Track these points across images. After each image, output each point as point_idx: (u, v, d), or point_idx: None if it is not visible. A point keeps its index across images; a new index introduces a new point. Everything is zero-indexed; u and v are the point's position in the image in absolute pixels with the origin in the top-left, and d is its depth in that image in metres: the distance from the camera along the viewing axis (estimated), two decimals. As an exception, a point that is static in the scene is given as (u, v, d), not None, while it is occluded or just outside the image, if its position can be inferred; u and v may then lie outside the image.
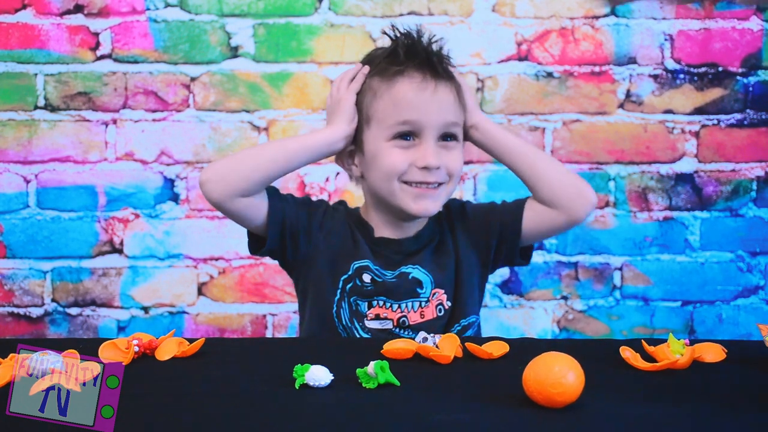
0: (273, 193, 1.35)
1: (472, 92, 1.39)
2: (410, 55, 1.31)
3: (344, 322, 1.34)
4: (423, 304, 1.35)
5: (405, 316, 1.34)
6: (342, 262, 1.35)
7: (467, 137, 1.37)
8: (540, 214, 1.36)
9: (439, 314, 1.36)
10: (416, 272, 1.36)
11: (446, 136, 1.32)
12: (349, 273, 1.35)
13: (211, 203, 1.31)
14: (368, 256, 1.36)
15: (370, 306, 1.34)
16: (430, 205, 1.32)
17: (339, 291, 1.34)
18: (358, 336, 1.33)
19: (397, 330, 1.34)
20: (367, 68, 1.34)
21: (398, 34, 1.34)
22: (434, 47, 1.34)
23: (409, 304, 1.35)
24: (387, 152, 1.30)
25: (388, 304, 1.34)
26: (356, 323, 1.34)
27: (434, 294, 1.36)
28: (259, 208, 1.33)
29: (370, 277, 1.34)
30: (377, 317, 1.33)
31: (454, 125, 1.32)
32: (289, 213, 1.35)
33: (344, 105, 1.33)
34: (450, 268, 1.38)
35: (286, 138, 1.36)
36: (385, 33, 1.36)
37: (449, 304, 1.37)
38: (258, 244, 1.37)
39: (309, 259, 1.37)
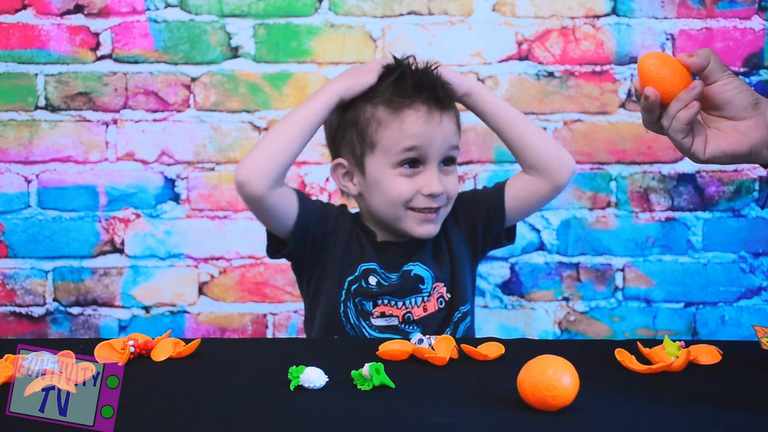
0: (300, 195, 1.40)
1: (454, 72, 1.44)
2: (418, 89, 1.36)
3: (352, 321, 1.38)
4: (425, 298, 1.40)
5: (410, 312, 1.39)
6: (349, 264, 1.40)
7: (461, 103, 1.43)
8: (524, 188, 1.44)
9: (440, 306, 1.41)
10: (417, 269, 1.41)
11: (446, 160, 1.39)
12: (355, 274, 1.39)
13: (253, 200, 1.34)
14: (374, 258, 1.40)
15: (375, 305, 1.38)
16: (432, 228, 1.39)
17: (344, 292, 1.38)
18: (366, 334, 1.37)
19: (403, 325, 1.39)
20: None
21: (401, 63, 1.40)
22: (434, 75, 1.39)
23: (413, 300, 1.39)
24: (393, 180, 1.36)
25: (393, 302, 1.38)
26: (363, 322, 1.38)
27: (435, 288, 1.41)
28: (291, 201, 1.37)
29: (376, 280, 1.39)
30: (383, 315, 1.38)
31: (455, 149, 1.40)
32: (312, 218, 1.39)
33: (370, 65, 1.40)
34: (446, 260, 1.44)
35: (296, 108, 1.40)
36: (386, 67, 1.40)
37: (449, 295, 1.42)
38: (277, 249, 1.41)
39: (321, 261, 1.41)
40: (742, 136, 0.99)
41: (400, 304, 1.39)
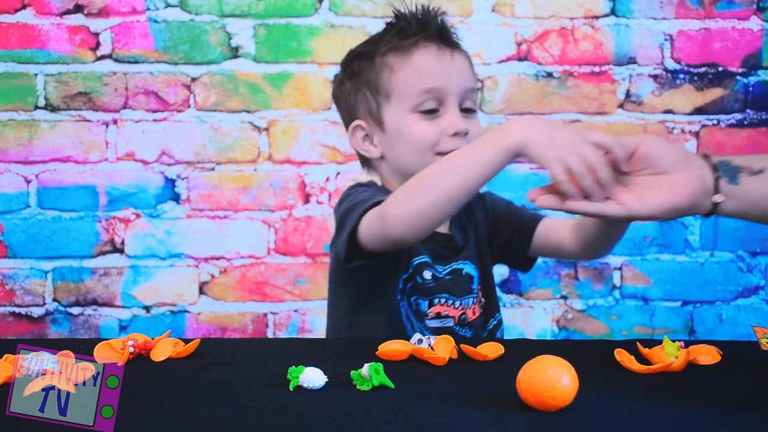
0: None
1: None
2: (422, 27, 1.31)
3: (412, 322, 1.29)
4: (474, 300, 1.34)
5: (465, 313, 1.32)
6: (399, 259, 1.28)
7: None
8: (556, 246, 1.35)
9: (481, 310, 1.35)
10: (468, 267, 1.34)
11: (465, 108, 1.31)
12: (409, 272, 1.29)
13: (397, 246, 1.18)
14: (422, 250, 1.30)
15: (431, 304, 1.30)
16: None
17: (399, 292, 1.29)
18: None
19: (457, 328, 1.31)
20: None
21: (405, 12, 1.34)
22: (437, 13, 1.33)
23: (467, 301, 1.32)
24: (414, 124, 1.28)
25: (450, 302, 1.30)
26: (417, 324, 1.29)
27: (478, 289, 1.35)
28: None
29: (430, 273, 1.30)
30: (438, 316, 1.30)
31: (473, 92, 1.32)
32: None
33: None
34: (480, 261, 1.37)
35: (458, 153, 1.14)
36: (394, 13, 1.34)
37: (483, 300, 1.36)
38: (358, 255, 1.22)
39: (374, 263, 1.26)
40: (682, 188, 0.99)
41: (457, 303, 1.30)
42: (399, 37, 1.31)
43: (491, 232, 1.40)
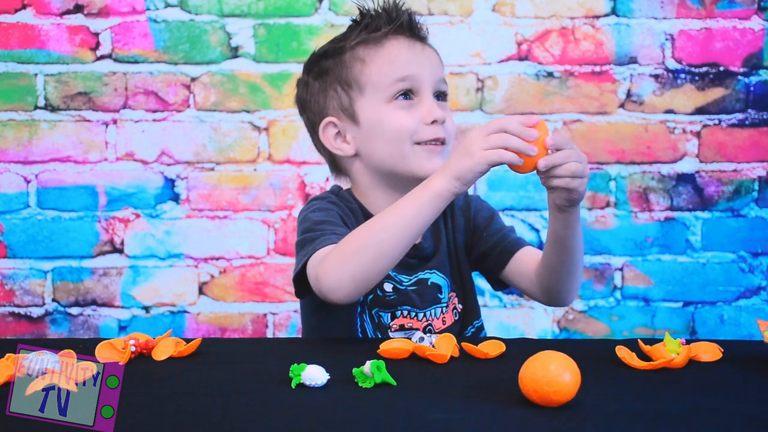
0: (342, 232, 1.22)
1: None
2: (391, 20, 1.30)
3: (369, 337, 1.27)
4: (444, 309, 1.31)
5: (430, 324, 1.29)
6: None
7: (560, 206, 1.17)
8: (522, 284, 1.32)
9: (455, 318, 1.32)
10: (435, 277, 1.31)
11: (438, 96, 1.30)
12: None
13: (332, 301, 1.16)
14: None
15: (394, 317, 1.28)
16: (441, 163, 1.19)
17: (359, 305, 1.27)
18: None
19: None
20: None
21: (372, 9, 1.32)
22: (404, 6, 1.33)
23: (433, 311, 1.30)
24: (391, 114, 1.26)
25: (413, 313, 1.28)
26: (380, 336, 1.27)
27: (450, 298, 1.32)
28: None
29: (391, 285, 1.28)
30: (402, 327, 1.28)
31: (445, 83, 1.32)
32: None
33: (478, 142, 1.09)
34: (456, 267, 1.35)
35: (392, 208, 1.15)
36: (359, 9, 1.33)
37: (461, 306, 1.34)
38: (306, 292, 1.21)
39: None
40: None
41: (420, 315, 1.28)
42: (367, 31, 1.30)
43: (469, 240, 1.36)
